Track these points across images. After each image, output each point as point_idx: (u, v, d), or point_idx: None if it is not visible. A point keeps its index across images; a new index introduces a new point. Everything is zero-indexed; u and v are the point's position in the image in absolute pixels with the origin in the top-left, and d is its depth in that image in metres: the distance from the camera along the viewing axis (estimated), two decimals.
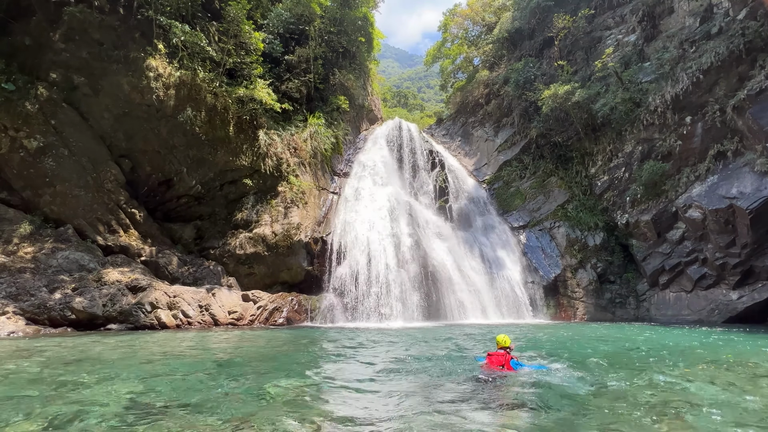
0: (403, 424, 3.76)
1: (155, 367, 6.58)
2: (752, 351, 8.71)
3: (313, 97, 23.15)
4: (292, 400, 4.63)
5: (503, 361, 5.95)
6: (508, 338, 6.30)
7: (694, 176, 17.52)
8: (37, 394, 4.72)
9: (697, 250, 17.81)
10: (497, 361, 5.98)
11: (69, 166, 15.08)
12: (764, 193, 15.16)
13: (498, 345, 6.26)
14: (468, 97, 31.01)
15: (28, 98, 14.43)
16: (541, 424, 3.83)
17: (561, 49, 25.56)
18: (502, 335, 6.33)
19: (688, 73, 17.47)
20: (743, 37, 15.98)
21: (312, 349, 9.04)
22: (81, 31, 14.98)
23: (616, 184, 20.90)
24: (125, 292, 13.67)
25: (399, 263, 18.45)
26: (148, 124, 16.26)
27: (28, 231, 14.19)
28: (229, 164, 17.93)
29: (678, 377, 5.83)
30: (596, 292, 20.40)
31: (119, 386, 5.11)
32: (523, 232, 23.08)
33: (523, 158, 25.49)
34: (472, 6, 34.07)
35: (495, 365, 5.96)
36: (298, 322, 15.84)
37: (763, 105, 15.28)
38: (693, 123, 17.66)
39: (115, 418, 3.88)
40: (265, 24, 21.47)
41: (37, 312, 12.30)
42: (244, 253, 17.66)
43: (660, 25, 20.93)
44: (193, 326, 14.00)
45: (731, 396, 4.93)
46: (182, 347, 9.13)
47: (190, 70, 16.44)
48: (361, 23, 25.88)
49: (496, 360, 6.00)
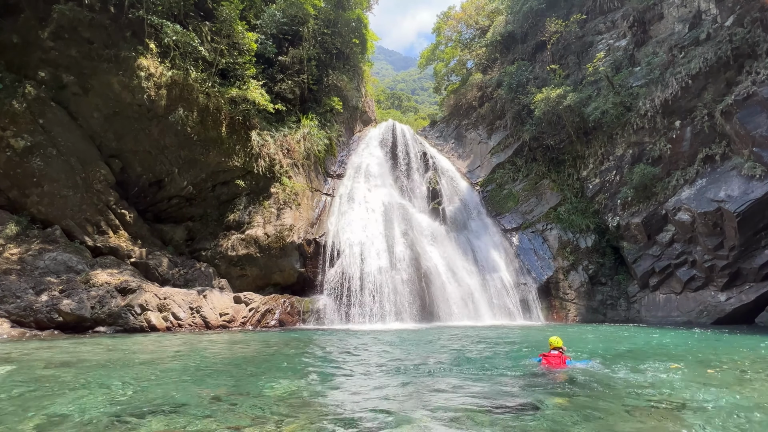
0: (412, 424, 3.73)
1: (142, 370, 6.47)
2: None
3: (306, 99, 23.09)
4: (285, 403, 4.57)
5: (560, 362, 6.42)
6: (560, 339, 6.74)
7: (684, 179, 17.77)
8: (13, 399, 4.60)
9: (686, 253, 18.05)
10: (556, 362, 6.42)
11: (57, 165, 14.83)
12: (751, 197, 15.42)
13: (551, 346, 6.66)
14: (461, 99, 31.15)
15: (16, 97, 14.17)
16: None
17: (553, 53, 25.82)
18: (555, 337, 6.77)
19: (678, 78, 17.74)
20: (731, 44, 16.28)
21: (304, 352, 8.96)
22: (70, 29, 14.76)
23: (608, 187, 21.12)
24: (114, 294, 13.46)
25: (392, 265, 18.43)
26: (138, 124, 16.06)
27: (15, 232, 13.91)
28: (222, 165, 17.78)
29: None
30: (588, 294, 20.57)
31: (103, 390, 5.00)
32: (516, 234, 23.21)
33: (516, 161, 25.66)
34: (466, 9, 34.29)
35: (556, 366, 6.37)
36: (290, 324, 15.73)
37: (750, 110, 15.57)
38: (682, 127, 17.93)
39: (98, 423, 3.79)
40: (258, 24, 21.38)
41: (23, 314, 12.05)
42: (236, 255, 17.50)
43: (650, 30, 21.25)
44: (184, 329, 13.83)
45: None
46: (172, 350, 9.00)
47: (182, 70, 16.30)
48: (354, 25, 25.92)
49: (554, 361, 6.44)
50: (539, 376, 6.13)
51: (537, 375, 6.18)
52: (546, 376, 6.15)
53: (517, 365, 6.97)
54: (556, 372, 6.35)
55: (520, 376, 6.14)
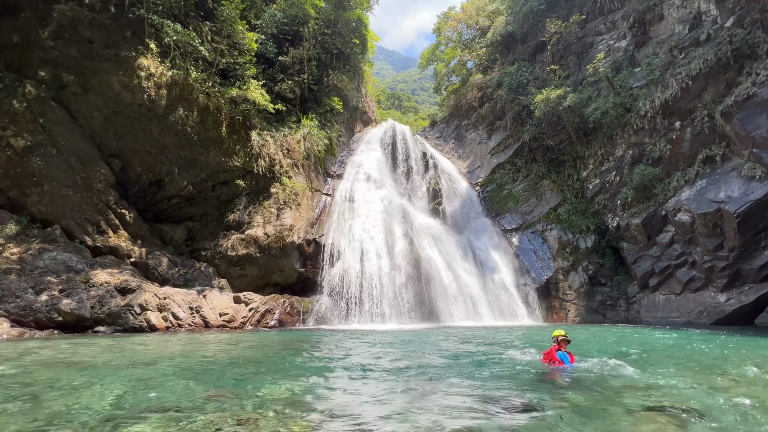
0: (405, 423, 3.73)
1: (142, 370, 6.46)
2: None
3: (306, 99, 23.08)
4: (285, 403, 4.57)
5: (554, 356, 6.72)
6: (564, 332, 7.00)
7: (684, 180, 17.77)
8: (11, 400, 4.60)
9: (686, 253, 18.05)
10: (550, 356, 6.82)
11: (57, 165, 14.82)
12: (751, 198, 15.42)
13: (557, 336, 6.93)
14: (461, 100, 31.16)
15: (16, 96, 14.17)
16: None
17: (553, 53, 25.82)
18: (560, 330, 7.02)
19: (678, 79, 17.74)
20: (731, 45, 16.28)
21: (304, 352, 8.96)
22: (71, 28, 14.75)
23: (608, 188, 21.12)
24: (114, 294, 13.46)
25: (392, 265, 18.42)
26: (139, 124, 16.06)
27: (15, 231, 13.90)
28: (222, 165, 17.78)
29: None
30: (587, 295, 20.57)
31: (102, 390, 5.00)
32: (516, 234, 23.21)
33: (516, 161, 25.67)
34: (466, 10, 34.30)
35: (552, 360, 6.74)
36: (290, 324, 15.72)
37: (750, 111, 15.57)
38: (682, 128, 17.93)
39: (97, 423, 3.79)
40: (258, 24, 21.39)
41: (23, 314, 12.04)
42: (236, 255, 17.50)
43: (650, 31, 21.25)
44: (184, 328, 13.82)
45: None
46: (171, 350, 8.99)
47: (183, 69, 16.29)
48: (355, 25, 25.93)
49: (550, 355, 6.85)
50: (539, 376, 6.13)
51: (537, 376, 6.18)
52: (546, 376, 6.15)
53: (517, 366, 6.97)
54: (557, 372, 6.34)
55: (520, 376, 6.15)
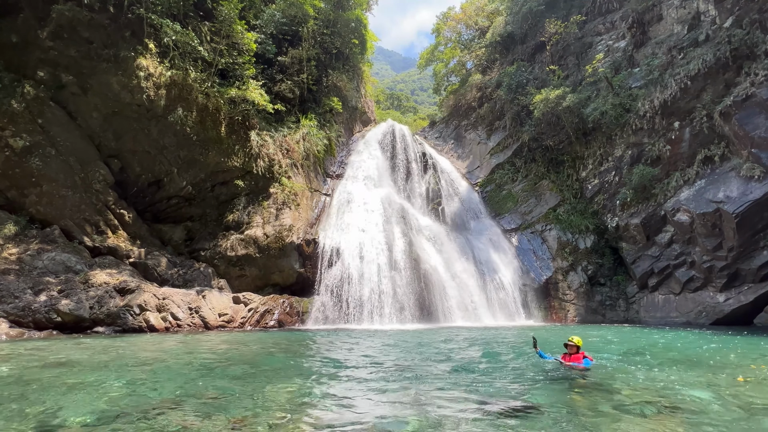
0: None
1: (141, 370, 6.45)
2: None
3: (306, 99, 23.08)
4: (283, 403, 4.56)
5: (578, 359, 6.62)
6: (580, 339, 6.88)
7: (683, 180, 17.78)
8: (10, 400, 4.59)
9: (685, 253, 18.07)
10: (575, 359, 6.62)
11: (56, 165, 14.80)
12: (750, 198, 15.45)
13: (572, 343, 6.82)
14: (461, 100, 31.18)
15: (15, 96, 14.15)
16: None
17: (553, 54, 25.84)
18: (577, 337, 6.91)
19: (677, 79, 17.77)
20: (729, 45, 16.31)
21: (303, 352, 8.95)
22: (70, 29, 14.74)
23: (607, 188, 21.14)
24: (113, 294, 13.44)
25: (391, 265, 18.41)
26: (138, 124, 16.05)
27: (13, 232, 13.88)
28: (221, 165, 17.76)
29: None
30: (587, 295, 20.58)
31: (101, 391, 4.99)
32: (515, 234, 23.22)
33: (515, 161, 25.68)
34: (466, 10, 34.34)
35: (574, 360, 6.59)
36: (289, 325, 15.71)
37: (749, 111, 15.59)
38: (681, 128, 17.95)
39: (96, 423, 3.78)
40: (257, 25, 21.38)
41: (22, 315, 12.02)
42: (235, 255, 17.48)
43: (649, 31, 21.28)
44: (183, 329, 13.80)
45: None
46: (170, 350, 8.98)
47: (182, 69, 16.28)
48: (354, 25, 25.93)
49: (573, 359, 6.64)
50: (539, 376, 6.13)
51: (537, 376, 6.18)
52: (546, 376, 6.14)
53: (516, 366, 6.97)
54: (557, 371, 6.34)
55: (520, 377, 6.14)
